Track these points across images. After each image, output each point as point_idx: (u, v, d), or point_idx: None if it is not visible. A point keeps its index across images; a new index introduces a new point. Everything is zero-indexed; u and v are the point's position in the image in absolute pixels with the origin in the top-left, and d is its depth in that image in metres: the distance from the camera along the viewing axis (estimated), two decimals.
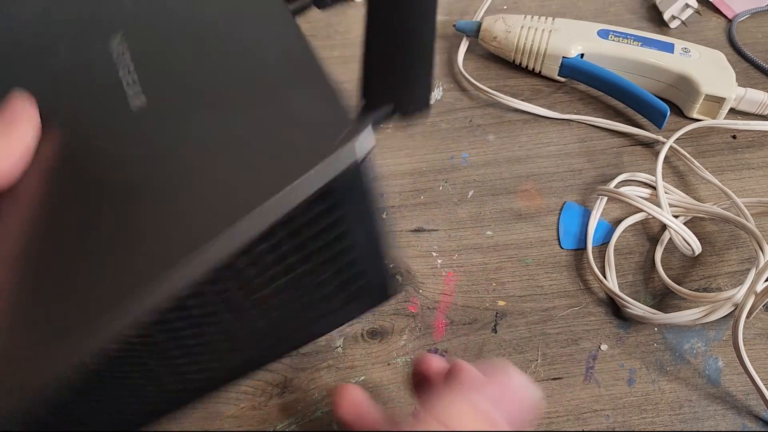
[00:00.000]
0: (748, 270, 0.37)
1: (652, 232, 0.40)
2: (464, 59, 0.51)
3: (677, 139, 0.43)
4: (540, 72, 0.49)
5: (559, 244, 0.39)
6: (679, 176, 0.43)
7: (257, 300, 0.23)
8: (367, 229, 0.23)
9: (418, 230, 0.40)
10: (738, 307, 0.33)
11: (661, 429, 0.32)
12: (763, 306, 0.34)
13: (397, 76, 0.25)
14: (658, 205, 0.38)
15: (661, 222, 0.38)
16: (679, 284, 0.37)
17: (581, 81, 0.48)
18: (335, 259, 0.23)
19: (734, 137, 0.45)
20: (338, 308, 0.27)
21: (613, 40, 0.48)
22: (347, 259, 0.24)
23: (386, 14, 0.23)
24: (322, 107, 0.23)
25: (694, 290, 0.36)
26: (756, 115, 0.46)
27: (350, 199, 0.22)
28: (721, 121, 0.45)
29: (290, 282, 0.23)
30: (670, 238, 0.39)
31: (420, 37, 0.24)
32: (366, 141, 0.21)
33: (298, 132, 0.22)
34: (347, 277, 0.25)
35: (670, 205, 0.39)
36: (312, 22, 0.54)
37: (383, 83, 0.25)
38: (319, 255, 0.23)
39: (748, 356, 0.32)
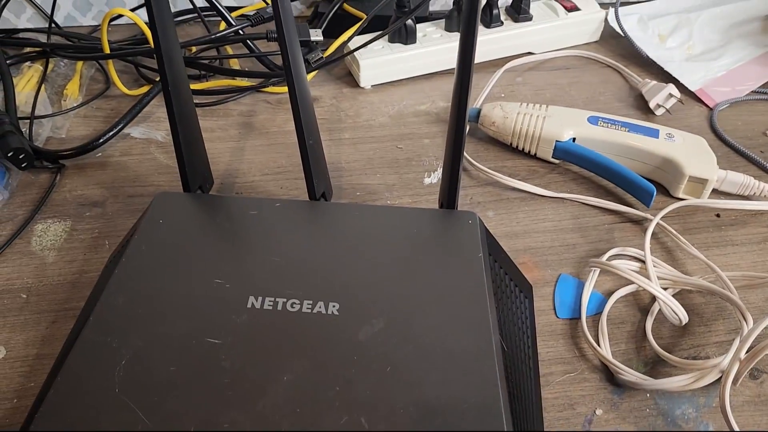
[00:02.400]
0: (735, 340, 0.39)
1: (642, 303, 0.42)
2: (465, 142, 0.55)
3: (664, 216, 0.46)
4: (535, 154, 0.53)
5: (555, 313, 0.42)
6: (667, 251, 0.46)
7: None
8: None
9: None
10: (724, 374, 0.35)
11: None
12: (748, 373, 0.36)
13: None
14: (648, 277, 0.41)
15: (650, 293, 0.40)
16: (669, 352, 0.39)
17: (574, 163, 0.52)
18: None
19: (718, 216, 0.48)
20: None
21: (603, 126, 0.51)
22: None
23: None
24: None
25: (684, 358, 0.38)
26: (738, 195, 0.50)
27: None
28: (705, 200, 0.48)
29: None
30: (660, 309, 0.41)
31: None
32: None
33: None
34: None
35: (659, 278, 0.42)
36: (324, 107, 0.59)
37: None
38: None
39: (736, 422, 0.34)
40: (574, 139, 0.51)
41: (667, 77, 0.63)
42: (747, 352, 0.35)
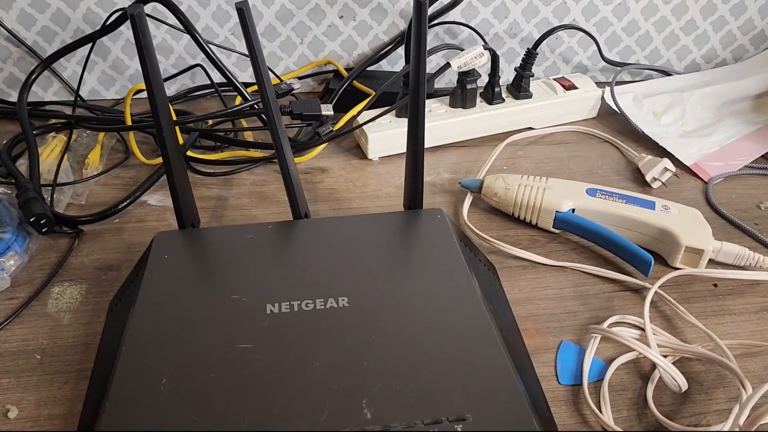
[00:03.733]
0: (734, 408, 0.39)
1: (643, 371, 0.43)
2: (469, 212, 0.57)
3: (662, 285, 0.48)
4: (536, 224, 0.55)
5: (557, 379, 0.42)
6: (666, 319, 0.47)
7: None
8: None
9: None
10: None
11: None
12: None
13: None
14: (648, 345, 0.42)
15: (651, 361, 0.41)
16: (670, 420, 0.39)
17: (573, 233, 0.54)
18: None
19: (715, 285, 0.50)
20: None
21: (601, 198, 0.53)
22: None
23: None
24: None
25: (685, 426, 0.39)
26: (734, 265, 0.51)
27: None
28: (702, 270, 0.49)
29: None
30: (660, 376, 0.42)
31: None
32: None
33: None
34: None
35: (659, 345, 0.43)
36: (333, 177, 0.61)
37: None
38: None
39: None
40: (573, 210, 0.53)
41: (662, 152, 0.65)
42: (746, 419, 0.36)
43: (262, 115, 0.63)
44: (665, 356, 0.42)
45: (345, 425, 0.32)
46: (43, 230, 0.51)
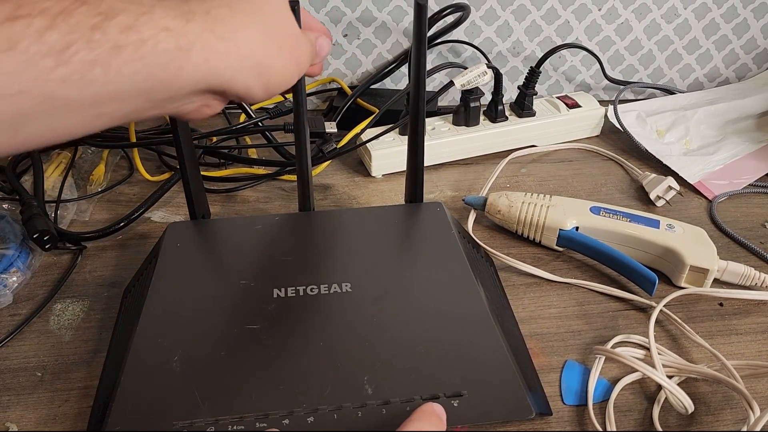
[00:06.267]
0: (742, 429, 0.39)
1: (649, 391, 0.42)
2: (472, 229, 0.57)
3: (668, 304, 0.47)
4: (540, 242, 0.55)
5: (561, 399, 0.42)
6: (672, 339, 0.46)
7: None
8: None
9: None
10: None
11: None
12: None
13: None
14: (653, 365, 0.41)
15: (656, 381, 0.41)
16: None
17: (577, 251, 0.53)
18: None
19: (721, 305, 0.49)
20: None
21: (604, 216, 0.53)
22: None
23: None
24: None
25: None
26: (739, 285, 0.51)
27: None
28: (707, 289, 0.49)
29: None
30: (666, 397, 0.41)
31: None
32: None
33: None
34: None
35: (665, 366, 0.42)
36: (337, 194, 0.61)
37: None
38: None
39: None
40: (577, 228, 0.53)
41: (666, 170, 0.65)
42: None
43: (266, 133, 0.63)
44: (671, 376, 0.42)
45: (347, 400, 0.34)
46: (47, 246, 0.51)
